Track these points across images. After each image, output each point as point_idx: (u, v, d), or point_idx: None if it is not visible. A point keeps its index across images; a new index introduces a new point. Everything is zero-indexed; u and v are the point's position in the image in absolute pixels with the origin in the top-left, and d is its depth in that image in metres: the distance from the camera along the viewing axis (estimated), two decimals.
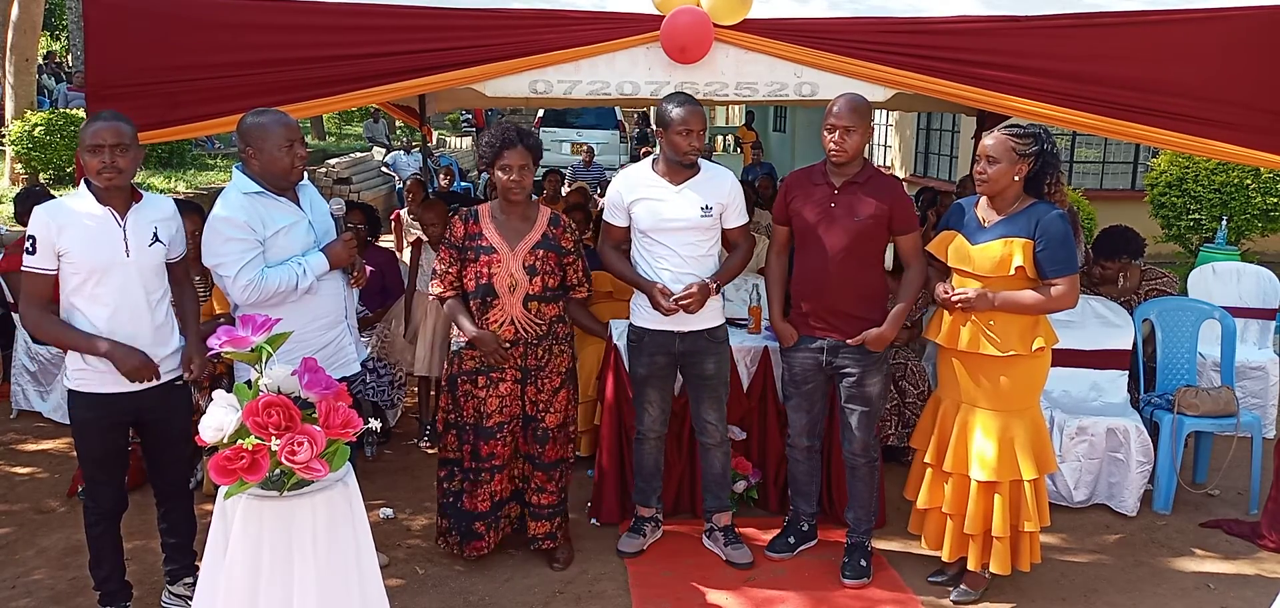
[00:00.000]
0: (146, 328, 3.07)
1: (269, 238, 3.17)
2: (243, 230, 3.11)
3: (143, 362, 3.03)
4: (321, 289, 3.31)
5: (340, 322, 3.43)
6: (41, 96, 15.39)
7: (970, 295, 3.30)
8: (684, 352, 3.71)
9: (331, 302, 3.37)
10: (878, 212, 3.48)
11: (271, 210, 3.20)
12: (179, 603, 3.38)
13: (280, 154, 3.17)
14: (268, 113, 3.23)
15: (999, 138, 3.29)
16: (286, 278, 3.16)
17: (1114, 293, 4.88)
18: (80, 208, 2.99)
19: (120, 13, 3.75)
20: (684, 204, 3.59)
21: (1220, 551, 4.07)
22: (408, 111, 6.77)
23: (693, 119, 3.51)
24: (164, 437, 3.23)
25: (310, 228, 3.31)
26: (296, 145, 3.20)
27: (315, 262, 3.25)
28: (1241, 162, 4.29)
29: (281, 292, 3.15)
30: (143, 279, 3.05)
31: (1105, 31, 3.87)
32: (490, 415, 3.57)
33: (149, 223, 3.08)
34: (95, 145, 2.92)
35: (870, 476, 3.73)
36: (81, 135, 2.99)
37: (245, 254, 3.11)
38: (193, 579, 3.39)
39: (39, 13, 11.97)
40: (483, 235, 3.52)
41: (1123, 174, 11.92)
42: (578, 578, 3.73)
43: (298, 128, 3.25)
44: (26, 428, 5.31)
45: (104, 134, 2.93)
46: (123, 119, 3.01)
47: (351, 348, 3.49)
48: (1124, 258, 4.86)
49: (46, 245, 2.93)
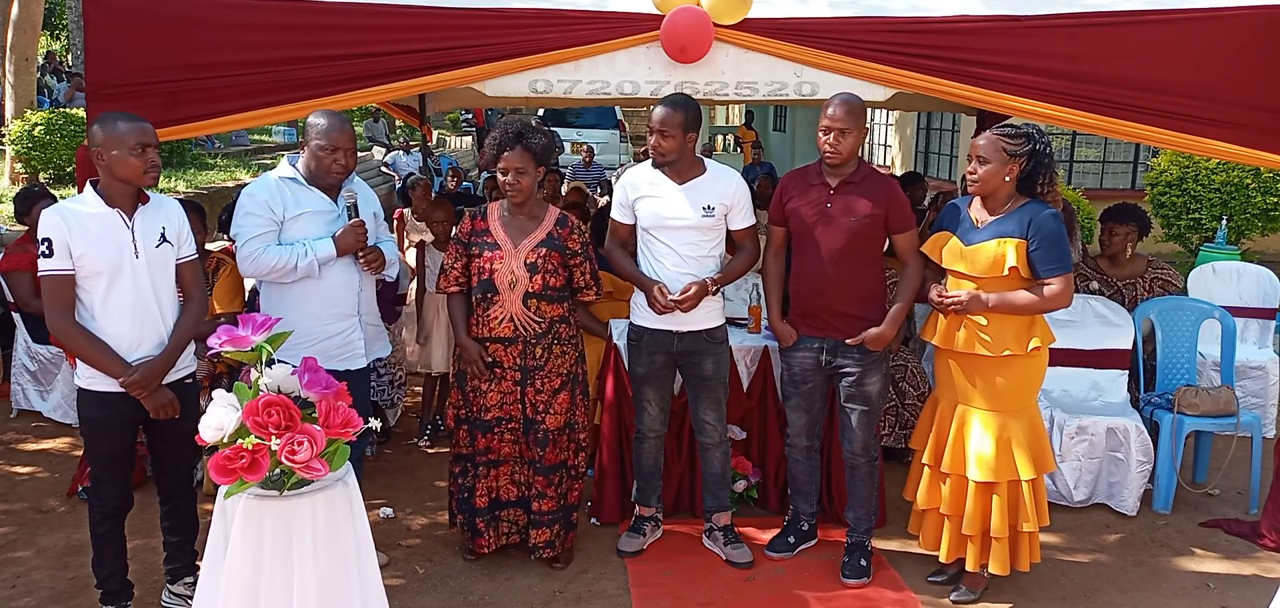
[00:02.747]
0: (158, 329, 3.09)
1: (289, 219, 3.33)
2: (261, 208, 3.30)
3: (170, 399, 3.11)
4: (332, 278, 3.38)
5: (352, 314, 3.48)
6: (42, 96, 15.38)
7: (964, 298, 3.30)
8: (682, 351, 3.71)
9: (344, 292, 3.44)
10: (874, 211, 3.49)
11: (299, 195, 3.37)
12: (179, 602, 3.38)
13: (322, 154, 3.35)
14: (328, 115, 3.42)
15: (990, 138, 3.29)
16: (285, 256, 3.29)
17: (1122, 265, 4.93)
18: (87, 209, 3.00)
19: (120, 13, 3.74)
20: (686, 203, 3.60)
21: (1220, 550, 4.07)
22: (408, 111, 6.77)
23: (665, 122, 3.55)
24: (173, 436, 3.23)
25: (339, 222, 3.41)
26: (339, 153, 3.35)
27: (321, 246, 3.33)
28: (1242, 161, 4.29)
29: (279, 268, 3.28)
30: (152, 280, 3.07)
31: (1105, 31, 3.86)
32: (489, 410, 3.59)
33: (157, 223, 3.10)
34: (144, 144, 2.97)
35: (870, 475, 3.73)
36: (111, 135, 2.95)
37: (256, 228, 3.29)
38: (193, 579, 3.39)
39: (39, 12, 11.97)
40: (488, 232, 3.55)
41: (1123, 174, 11.92)
42: (578, 578, 3.73)
43: (349, 138, 3.39)
44: (26, 428, 5.31)
45: (146, 133, 2.99)
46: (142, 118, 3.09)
47: (360, 343, 3.52)
48: (1131, 224, 4.90)
49: (62, 246, 2.93)
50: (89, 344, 2.98)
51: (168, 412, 3.11)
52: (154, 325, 3.08)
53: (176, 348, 3.13)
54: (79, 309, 3.00)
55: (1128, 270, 4.95)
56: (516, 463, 3.70)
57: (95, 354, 2.99)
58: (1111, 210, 5.04)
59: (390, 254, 3.57)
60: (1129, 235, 4.93)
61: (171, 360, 3.11)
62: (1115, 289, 4.91)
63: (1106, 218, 5.03)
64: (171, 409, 3.12)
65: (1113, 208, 5.07)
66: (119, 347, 3.02)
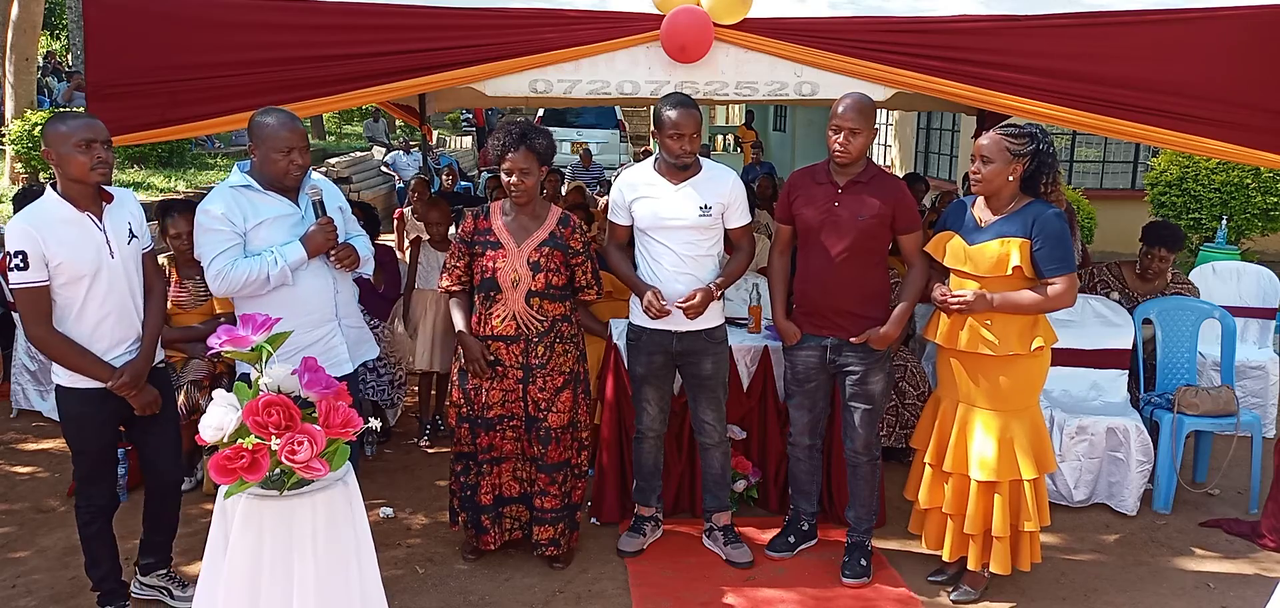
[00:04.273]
0: (135, 326, 3.13)
1: (251, 229, 3.15)
2: (220, 222, 3.11)
3: (155, 397, 3.15)
4: (304, 283, 3.21)
5: (330, 320, 3.31)
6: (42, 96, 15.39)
7: (969, 298, 3.30)
8: (681, 351, 3.71)
9: (319, 298, 3.26)
10: (881, 212, 3.49)
11: (257, 202, 3.17)
12: (150, 593, 3.40)
13: (277, 157, 3.14)
14: (275, 114, 3.18)
15: (993, 138, 3.29)
16: (256, 269, 3.10)
17: (1150, 282, 4.92)
18: (58, 215, 2.95)
19: (120, 13, 3.75)
20: (683, 203, 3.59)
21: (1220, 550, 4.07)
22: (408, 111, 6.77)
23: (685, 122, 3.51)
24: (153, 424, 3.25)
25: (302, 223, 3.23)
26: (294, 153, 3.15)
27: (290, 251, 3.14)
28: (1242, 161, 4.29)
29: (252, 281, 3.10)
30: (128, 278, 3.09)
31: (1105, 31, 3.86)
32: (491, 408, 3.59)
33: (124, 220, 3.10)
34: (87, 140, 2.91)
35: (871, 474, 3.73)
36: (57, 133, 2.92)
37: (219, 244, 3.10)
38: (166, 572, 3.45)
39: (39, 12, 11.96)
40: (491, 231, 3.56)
41: (1123, 174, 11.92)
42: (578, 578, 3.73)
43: (301, 135, 3.18)
44: (26, 428, 5.31)
45: (94, 129, 2.94)
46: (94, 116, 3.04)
47: (342, 347, 3.34)
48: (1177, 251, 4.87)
49: (37, 258, 2.89)
50: (73, 352, 2.99)
51: (153, 408, 3.16)
52: (131, 323, 3.10)
53: (152, 342, 3.16)
54: (57, 315, 2.97)
55: (1153, 288, 4.91)
56: (519, 460, 3.71)
57: (81, 362, 3.00)
58: (1158, 233, 4.90)
59: (363, 250, 3.38)
60: (1169, 262, 4.86)
61: (150, 356, 3.15)
62: (1134, 302, 4.86)
63: (1153, 241, 4.89)
64: (156, 406, 3.17)
65: (1159, 229, 4.91)
66: (99, 347, 3.03)
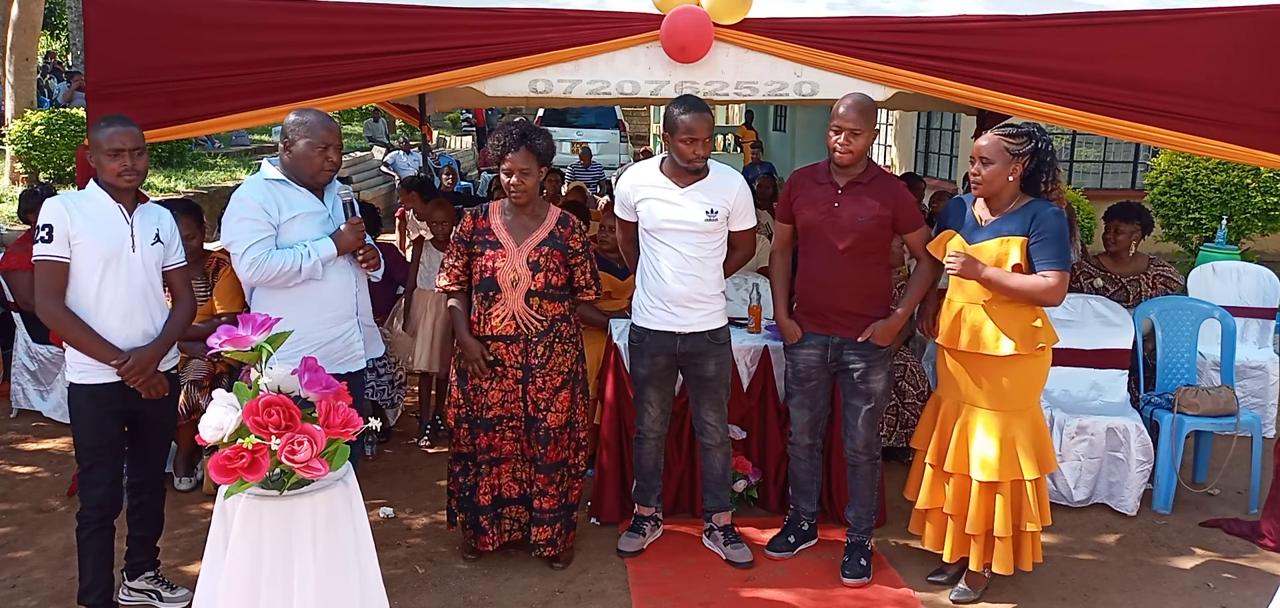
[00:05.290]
0: (147, 323, 3.16)
1: (284, 222, 3.25)
2: (256, 211, 3.20)
3: (163, 380, 3.19)
4: (330, 280, 3.32)
5: (350, 316, 3.44)
6: (42, 96, 15.39)
7: (956, 265, 3.28)
8: (685, 353, 3.71)
9: (341, 295, 3.38)
10: (881, 212, 3.49)
11: (290, 197, 3.29)
12: (137, 597, 3.40)
13: (314, 154, 3.27)
14: (313, 113, 3.34)
15: (992, 138, 3.29)
16: (290, 260, 3.22)
17: (1124, 262, 4.98)
18: (93, 200, 3.10)
19: (120, 13, 3.75)
20: (689, 207, 3.59)
21: (1220, 550, 4.07)
22: (408, 111, 6.78)
23: (698, 127, 3.51)
24: (153, 427, 3.30)
25: (330, 221, 3.36)
26: (330, 150, 3.29)
27: (322, 246, 3.29)
28: (1241, 161, 4.30)
29: (285, 272, 3.21)
30: (146, 273, 3.16)
31: (1105, 31, 3.87)
32: (490, 408, 3.59)
33: (152, 224, 3.21)
34: (116, 149, 3.04)
35: (872, 474, 3.73)
36: (96, 139, 3.07)
37: (254, 233, 3.20)
38: (154, 574, 3.45)
39: (39, 12, 11.96)
40: (490, 231, 3.56)
41: (1123, 174, 11.92)
42: (578, 578, 3.73)
43: (336, 133, 3.31)
44: (26, 427, 5.31)
45: (124, 138, 3.05)
46: (133, 123, 3.12)
47: (360, 344, 3.49)
48: (1135, 222, 4.96)
49: (62, 235, 3.00)
50: (79, 328, 3.04)
51: (160, 391, 3.18)
52: (143, 319, 3.15)
53: (168, 340, 3.20)
54: (72, 297, 3.05)
55: (1130, 268, 4.99)
56: (518, 461, 3.70)
57: (85, 338, 3.04)
58: (1116, 208, 5.07)
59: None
60: (1133, 233, 4.98)
61: (162, 351, 3.17)
62: (1119, 286, 4.94)
63: (1111, 216, 5.06)
64: (162, 388, 3.19)
65: (1117, 206, 5.10)
66: (108, 337, 3.07)
